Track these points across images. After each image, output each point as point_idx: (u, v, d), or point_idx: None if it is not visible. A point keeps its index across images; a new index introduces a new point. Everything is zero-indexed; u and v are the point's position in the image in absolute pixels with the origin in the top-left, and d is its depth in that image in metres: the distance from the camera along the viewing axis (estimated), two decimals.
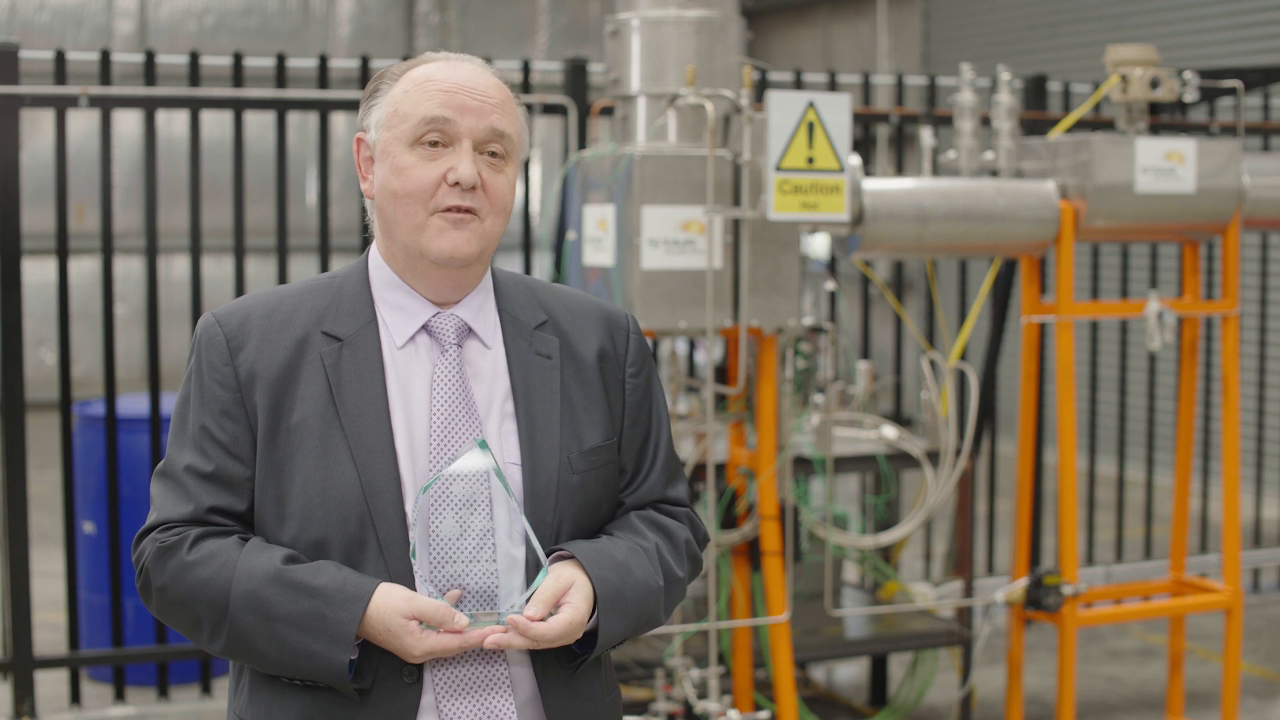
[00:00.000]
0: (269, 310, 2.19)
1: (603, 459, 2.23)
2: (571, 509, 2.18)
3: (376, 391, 2.14)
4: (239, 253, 5.54)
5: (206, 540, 2.10)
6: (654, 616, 2.22)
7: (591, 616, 2.12)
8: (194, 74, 5.52)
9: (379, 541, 2.09)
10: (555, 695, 2.15)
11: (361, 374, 2.14)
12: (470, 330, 2.21)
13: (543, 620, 2.06)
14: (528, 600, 2.07)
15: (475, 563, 2.08)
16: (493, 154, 2.15)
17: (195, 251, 5.56)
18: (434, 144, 2.13)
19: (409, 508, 2.10)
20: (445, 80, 2.14)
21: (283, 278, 5.61)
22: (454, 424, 2.14)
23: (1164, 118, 6.31)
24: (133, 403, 6.16)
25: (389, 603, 2.03)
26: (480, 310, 2.22)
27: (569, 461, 2.18)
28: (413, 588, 2.07)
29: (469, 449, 2.10)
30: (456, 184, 2.11)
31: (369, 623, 2.04)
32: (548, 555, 2.13)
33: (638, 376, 2.30)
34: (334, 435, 2.11)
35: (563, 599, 2.09)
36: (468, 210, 2.13)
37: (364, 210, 2.28)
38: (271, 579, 2.05)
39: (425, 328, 2.19)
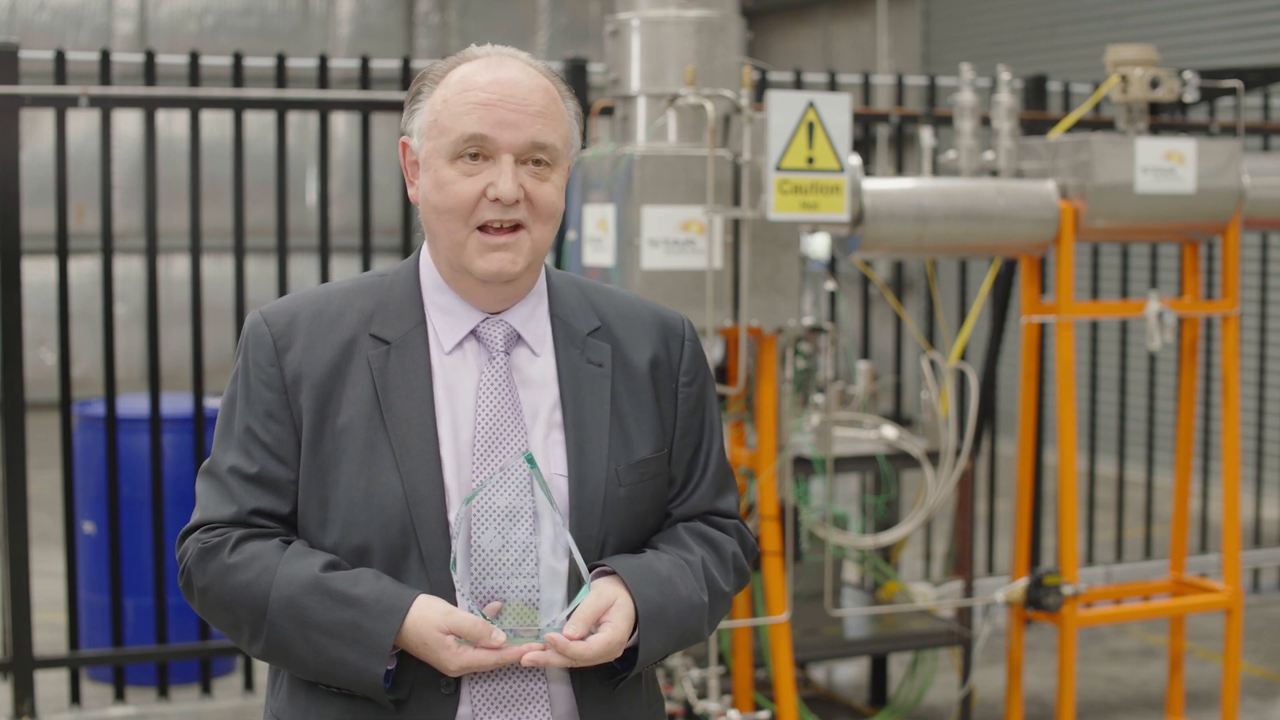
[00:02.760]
0: (317, 310, 2.15)
1: (651, 471, 2.18)
2: (618, 523, 2.14)
3: (423, 397, 2.10)
4: (239, 253, 5.54)
5: (248, 543, 2.08)
6: (697, 632, 2.18)
7: (632, 634, 2.08)
8: (194, 74, 5.52)
9: (420, 551, 2.06)
10: (593, 712, 2.12)
11: (408, 379, 2.11)
12: (519, 337, 2.16)
13: (582, 639, 2.03)
14: (568, 617, 2.04)
15: (516, 576, 2.05)
16: (536, 161, 2.10)
17: (195, 251, 5.56)
18: (474, 156, 2.08)
19: (452, 517, 2.06)
20: (484, 90, 2.08)
21: (282, 277, 5.61)
22: (499, 433, 2.10)
23: (1164, 118, 6.31)
24: (133, 403, 6.16)
25: (426, 616, 2.01)
26: (531, 317, 2.18)
27: (617, 474, 2.14)
28: (453, 598, 2.05)
29: (515, 461, 2.07)
30: (497, 199, 2.07)
31: (406, 635, 2.01)
32: (590, 570, 2.10)
33: (691, 385, 2.25)
34: (379, 441, 2.08)
35: (603, 617, 2.05)
36: (512, 227, 2.09)
37: (367, 210, 2.27)
38: (310, 586, 2.03)
39: (474, 333, 2.15)
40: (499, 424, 2.10)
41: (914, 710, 5.60)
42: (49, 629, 6.38)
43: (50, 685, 5.71)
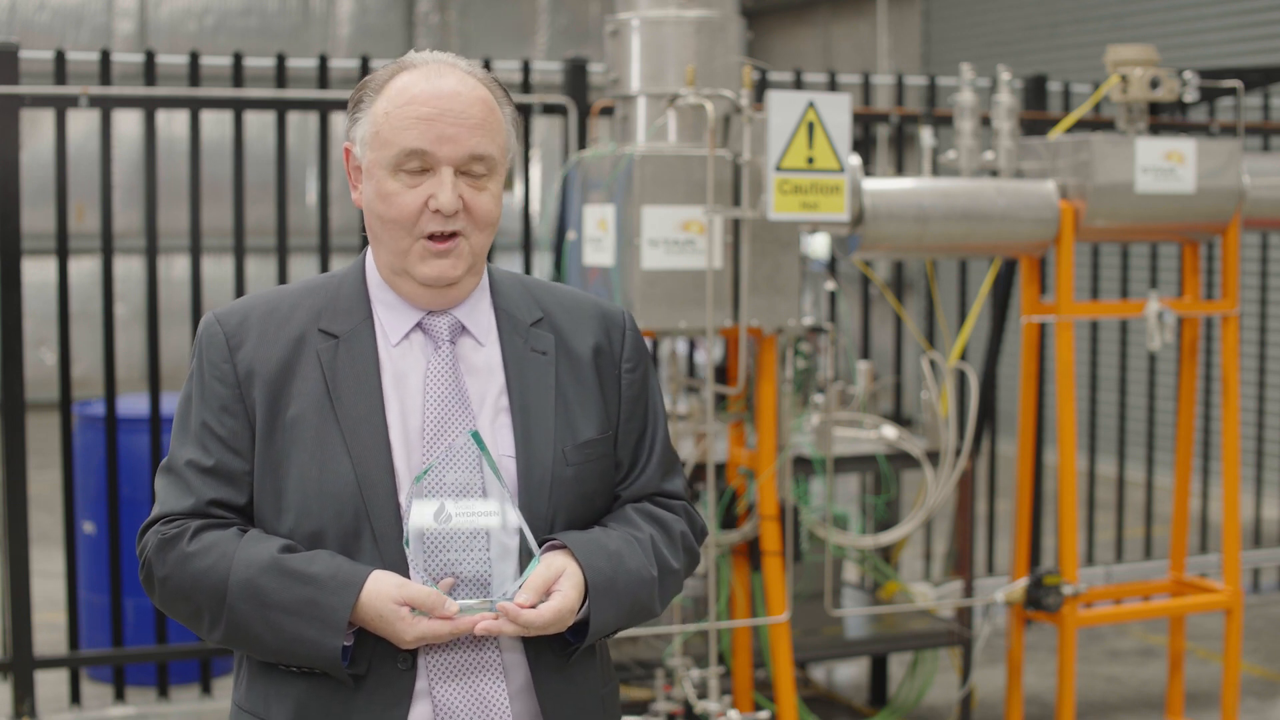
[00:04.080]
0: (268, 309, 2.23)
1: (597, 452, 2.25)
2: (566, 501, 2.21)
3: (371, 387, 2.17)
4: (239, 253, 5.54)
5: (206, 532, 2.14)
6: (647, 607, 2.24)
7: (583, 605, 2.14)
8: (194, 74, 5.52)
9: (373, 532, 2.12)
10: (548, 683, 2.17)
11: (357, 370, 2.18)
12: (464, 328, 2.24)
13: (532, 607, 2.09)
14: (519, 588, 2.10)
15: (468, 551, 2.11)
16: (474, 173, 2.17)
17: (195, 251, 5.56)
18: (415, 169, 2.15)
19: (403, 499, 2.13)
20: (425, 104, 2.14)
21: (283, 278, 5.61)
22: (447, 418, 2.17)
23: (1164, 118, 6.31)
24: (133, 403, 6.16)
25: (381, 589, 2.07)
26: (475, 308, 2.25)
27: (563, 454, 2.21)
28: (407, 576, 2.10)
29: (463, 440, 2.13)
30: (438, 211, 2.14)
31: (361, 609, 2.07)
32: (540, 545, 2.15)
33: (634, 372, 2.32)
34: (329, 430, 2.15)
35: (553, 587, 2.11)
36: (452, 235, 2.17)
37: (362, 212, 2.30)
38: (267, 567, 2.09)
39: (419, 325, 2.22)
40: (447, 410, 2.17)
41: (914, 710, 5.60)
42: (49, 629, 6.38)
43: (50, 685, 5.71)
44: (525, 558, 2.14)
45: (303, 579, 2.08)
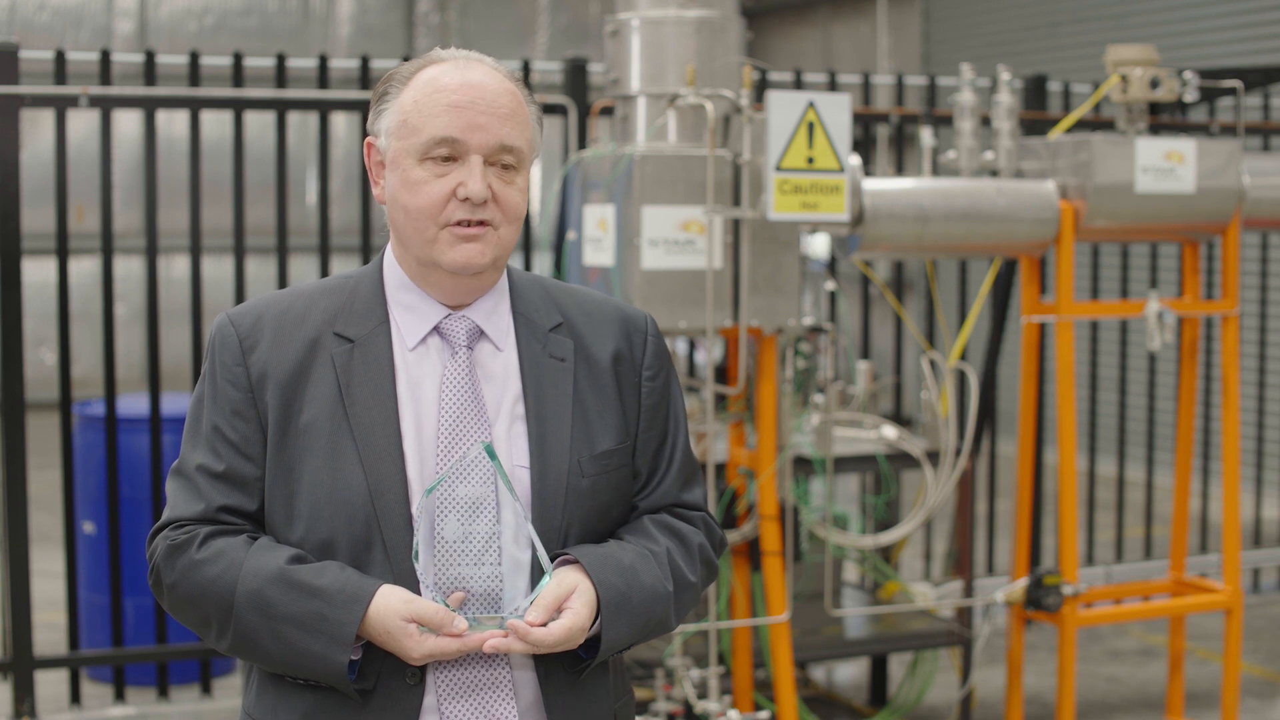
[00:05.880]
0: (282, 310, 2.19)
1: (614, 463, 2.21)
2: (581, 513, 2.17)
3: (386, 393, 2.13)
4: (239, 253, 5.54)
5: (216, 539, 2.11)
6: (663, 622, 2.20)
7: (595, 622, 2.11)
8: (194, 74, 5.52)
9: (384, 543, 2.09)
10: (558, 700, 2.14)
11: (371, 375, 2.14)
12: (482, 333, 2.20)
13: (543, 625, 2.05)
14: (530, 604, 2.07)
15: (479, 565, 2.08)
16: (503, 165, 2.14)
17: (195, 251, 5.56)
18: (445, 158, 2.12)
19: (415, 510, 2.09)
20: (454, 93, 2.12)
21: (283, 278, 5.61)
22: (462, 426, 2.13)
23: (1164, 118, 6.31)
24: (133, 403, 6.16)
25: (389, 604, 2.03)
26: (493, 312, 2.21)
27: (579, 465, 2.17)
28: (417, 589, 2.07)
29: (475, 452, 2.09)
30: (466, 199, 2.11)
31: (369, 624, 2.04)
32: (553, 559, 2.12)
33: (655, 380, 2.28)
34: (342, 436, 2.11)
35: (564, 604, 2.07)
36: (480, 223, 2.13)
37: (367, 210, 2.28)
38: (275, 578, 2.06)
39: (436, 330, 2.19)
40: (461, 417, 2.14)
41: (914, 710, 5.60)
42: (49, 629, 6.38)
43: (50, 685, 5.71)
44: (537, 572, 2.10)
45: (310, 591, 2.04)
